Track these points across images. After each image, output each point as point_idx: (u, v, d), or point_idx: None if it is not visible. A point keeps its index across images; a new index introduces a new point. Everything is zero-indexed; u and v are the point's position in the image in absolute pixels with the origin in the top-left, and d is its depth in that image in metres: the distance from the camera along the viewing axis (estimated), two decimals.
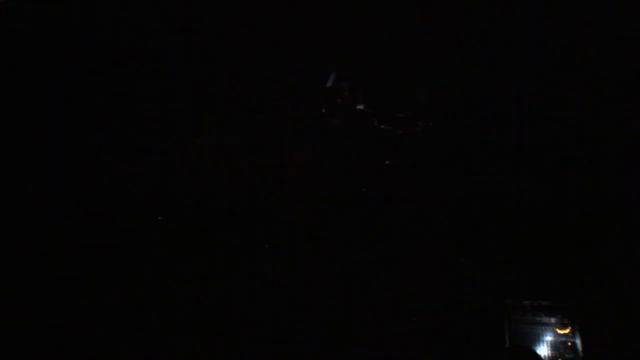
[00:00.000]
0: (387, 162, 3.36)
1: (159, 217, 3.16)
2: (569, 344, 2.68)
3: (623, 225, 2.86)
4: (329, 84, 3.47)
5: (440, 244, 3.09)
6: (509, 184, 3.09)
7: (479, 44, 3.28)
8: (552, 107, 3.13)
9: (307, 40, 3.41)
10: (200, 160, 3.30)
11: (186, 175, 3.24)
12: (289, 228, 3.15)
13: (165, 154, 3.28)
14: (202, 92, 3.38)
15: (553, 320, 2.74)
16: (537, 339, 2.72)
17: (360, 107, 3.41)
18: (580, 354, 2.64)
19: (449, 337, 2.83)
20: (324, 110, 3.46)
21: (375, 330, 2.87)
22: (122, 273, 2.99)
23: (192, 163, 3.28)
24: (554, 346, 2.69)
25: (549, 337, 2.71)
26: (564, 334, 2.70)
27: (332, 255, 3.08)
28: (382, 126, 3.43)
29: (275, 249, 3.10)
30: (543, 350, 2.70)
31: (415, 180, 3.27)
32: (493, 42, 3.26)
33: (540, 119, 3.14)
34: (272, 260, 3.08)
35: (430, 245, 3.10)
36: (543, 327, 2.74)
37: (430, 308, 2.91)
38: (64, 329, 2.81)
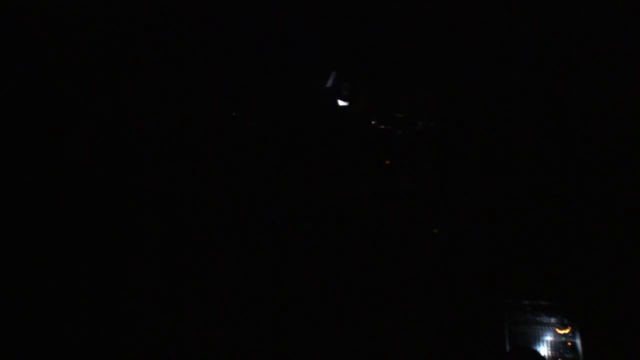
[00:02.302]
0: (387, 162, 3.36)
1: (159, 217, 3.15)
2: (569, 344, 2.69)
3: (623, 225, 2.87)
4: (329, 84, 3.46)
5: (439, 244, 3.09)
6: (509, 183, 3.09)
7: (479, 44, 3.28)
8: (552, 106, 3.14)
9: (307, 40, 3.41)
10: (199, 160, 3.29)
11: (186, 175, 3.24)
12: (288, 228, 3.16)
13: (164, 154, 3.27)
14: (201, 91, 3.37)
15: (553, 320, 2.75)
16: (537, 339, 2.72)
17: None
18: (580, 354, 2.65)
19: (449, 337, 2.83)
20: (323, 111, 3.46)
21: (375, 329, 2.87)
22: (120, 273, 2.99)
23: (191, 163, 3.27)
24: (554, 346, 2.70)
25: (549, 337, 2.72)
26: (564, 334, 2.71)
27: (332, 254, 3.07)
28: (382, 126, 3.43)
29: (275, 249, 3.10)
30: (543, 350, 2.70)
31: (414, 180, 3.27)
32: (493, 42, 3.26)
33: (541, 119, 3.15)
34: (271, 260, 3.08)
35: (430, 245, 3.10)
36: (543, 327, 2.74)
37: (430, 308, 2.91)
38: (62, 329, 2.81)
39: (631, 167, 2.92)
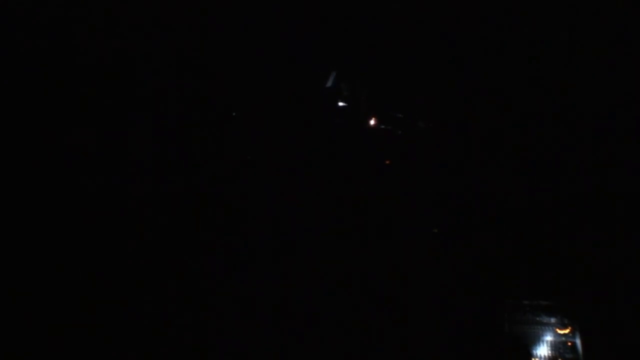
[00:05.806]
0: (387, 162, 3.36)
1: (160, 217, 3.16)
2: (569, 344, 2.68)
3: (623, 225, 2.86)
4: (329, 83, 3.47)
5: (439, 244, 3.09)
6: (509, 184, 3.09)
7: (479, 44, 3.28)
8: (552, 107, 3.14)
9: (307, 41, 3.41)
10: (200, 160, 3.30)
11: (186, 176, 3.25)
12: (288, 228, 3.16)
13: (164, 154, 3.28)
14: (202, 92, 3.38)
15: (553, 320, 2.74)
16: (537, 339, 2.72)
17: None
18: (580, 354, 2.65)
19: (449, 337, 2.84)
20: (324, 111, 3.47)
21: (375, 329, 2.87)
22: (120, 273, 3.00)
23: (191, 164, 3.28)
24: (554, 346, 2.69)
25: (549, 337, 2.72)
26: (564, 334, 2.71)
27: (331, 255, 3.08)
28: (382, 126, 3.43)
29: (274, 250, 3.11)
30: (543, 350, 2.70)
31: (415, 180, 3.27)
32: (493, 42, 3.26)
33: (541, 120, 3.14)
34: (271, 261, 3.08)
35: (430, 245, 3.10)
36: (543, 327, 2.74)
37: (430, 308, 2.91)
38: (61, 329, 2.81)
39: (631, 167, 2.92)
